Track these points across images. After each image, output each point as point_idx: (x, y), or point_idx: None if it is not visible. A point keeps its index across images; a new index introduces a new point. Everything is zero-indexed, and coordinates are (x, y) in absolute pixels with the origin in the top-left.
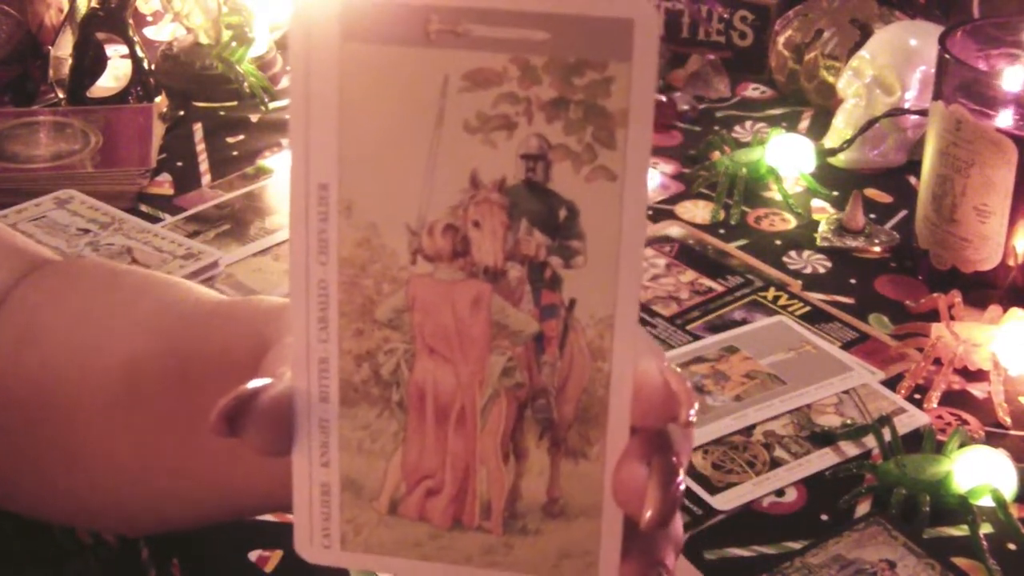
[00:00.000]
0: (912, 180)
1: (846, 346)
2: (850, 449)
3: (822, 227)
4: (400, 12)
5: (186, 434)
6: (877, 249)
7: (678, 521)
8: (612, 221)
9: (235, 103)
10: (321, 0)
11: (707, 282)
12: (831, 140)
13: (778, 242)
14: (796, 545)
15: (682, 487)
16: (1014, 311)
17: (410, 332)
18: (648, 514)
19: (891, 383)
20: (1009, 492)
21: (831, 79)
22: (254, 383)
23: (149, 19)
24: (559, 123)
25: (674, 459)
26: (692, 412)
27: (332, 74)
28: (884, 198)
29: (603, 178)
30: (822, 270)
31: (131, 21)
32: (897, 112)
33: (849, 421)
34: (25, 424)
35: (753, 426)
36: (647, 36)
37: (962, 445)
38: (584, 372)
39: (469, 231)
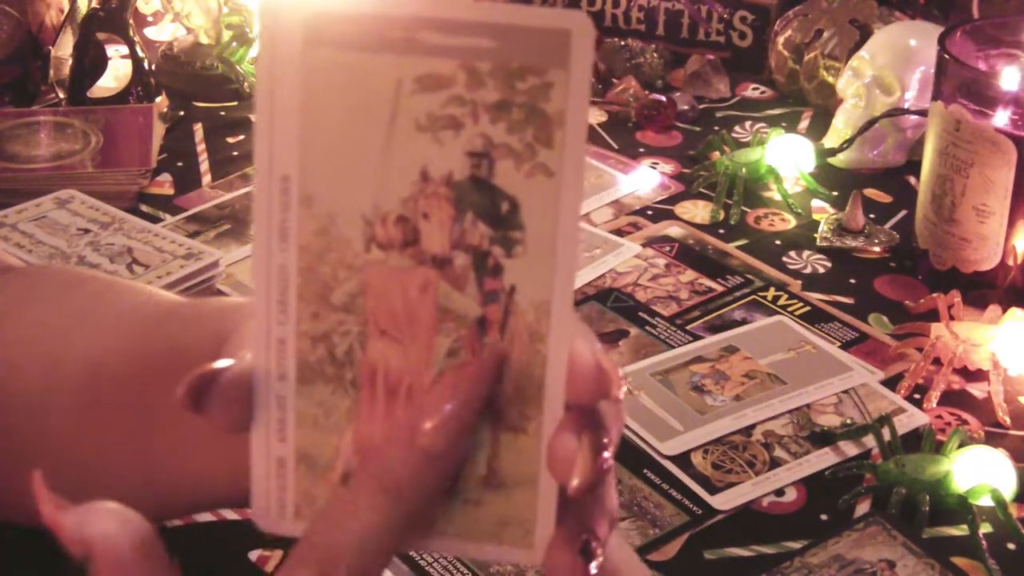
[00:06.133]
0: (912, 180)
1: (846, 346)
2: (850, 449)
3: (822, 227)
4: (359, 20)
5: (147, 432)
6: (877, 249)
7: (612, 496)
8: (550, 214)
9: (235, 103)
10: (287, 7)
11: (707, 282)
12: (831, 140)
13: (778, 242)
14: (796, 545)
15: (610, 458)
16: (1013, 311)
17: (363, 315)
18: (576, 481)
19: (891, 383)
20: (1008, 492)
21: (831, 79)
22: (217, 363)
23: (149, 19)
24: (502, 124)
25: (603, 432)
26: (621, 390)
27: (295, 76)
28: (884, 198)
29: (542, 174)
30: (822, 270)
31: (131, 21)
32: (897, 112)
33: (849, 421)
34: None
35: (753, 426)
36: (583, 45)
37: (961, 445)
38: (523, 353)
39: (419, 222)
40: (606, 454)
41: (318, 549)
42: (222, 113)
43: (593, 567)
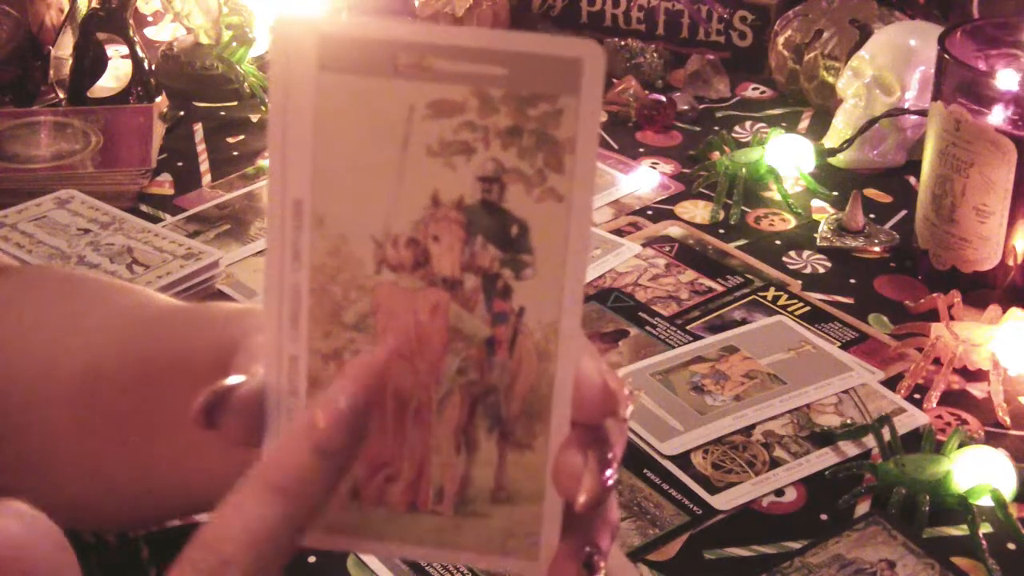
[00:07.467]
0: (912, 180)
1: (846, 346)
2: (850, 449)
3: (822, 227)
4: (371, 46)
5: (145, 433)
6: (877, 249)
7: (614, 508)
8: (559, 238)
9: (235, 103)
10: (300, 32)
11: (707, 282)
12: (831, 140)
13: (778, 242)
14: (796, 545)
15: (615, 475)
16: (1013, 311)
17: (374, 334)
18: (582, 498)
19: (891, 383)
20: (1008, 492)
21: (831, 79)
22: (229, 379)
23: (149, 19)
24: (513, 149)
25: (608, 450)
26: (628, 409)
27: (308, 100)
28: (884, 198)
29: (552, 199)
30: (822, 270)
31: (131, 21)
32: (897, 112)
33: (849, 421)
34: None
35: (753, 426)
36: (594, 73)
37: (961, 445)
38: (531, 372)
39: (430, 244)
40: (611, 471)
41: (208, 548)
42: (222, 113)
43: None
